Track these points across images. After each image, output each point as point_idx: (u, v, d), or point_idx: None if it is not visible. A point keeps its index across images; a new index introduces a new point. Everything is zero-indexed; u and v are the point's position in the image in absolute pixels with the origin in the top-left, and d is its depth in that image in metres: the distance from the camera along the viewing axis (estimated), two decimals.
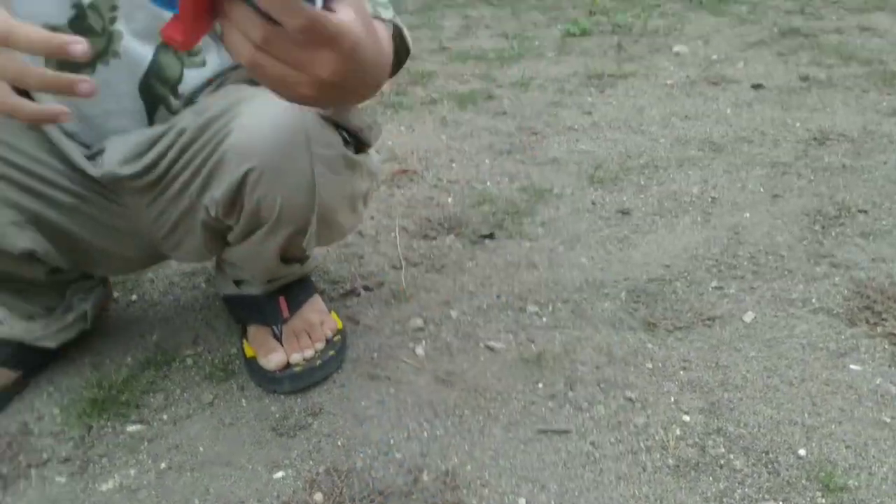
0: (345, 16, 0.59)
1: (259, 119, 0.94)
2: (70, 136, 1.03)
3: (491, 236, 1.56)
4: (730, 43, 2.70)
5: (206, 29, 0.59)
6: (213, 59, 1.06)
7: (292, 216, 0.98)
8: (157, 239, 1.12)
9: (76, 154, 1.02)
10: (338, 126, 1.02)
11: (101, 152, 1.04)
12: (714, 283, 1.39)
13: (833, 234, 1.52)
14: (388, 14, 0.90)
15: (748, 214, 1.61)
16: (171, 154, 1.01)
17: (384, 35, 0.81)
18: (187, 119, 1.01)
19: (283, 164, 0.94)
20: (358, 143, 1.05)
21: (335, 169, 0.98)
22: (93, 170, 1.02)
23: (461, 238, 1.56)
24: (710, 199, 1.68)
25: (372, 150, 1.10)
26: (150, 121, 1.06)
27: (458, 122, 2.13)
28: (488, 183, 1.79)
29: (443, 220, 1.63)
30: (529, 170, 1.84)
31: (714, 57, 2.55)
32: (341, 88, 0.61)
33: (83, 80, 0.64)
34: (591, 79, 2.41)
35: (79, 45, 0.63)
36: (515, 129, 2.06)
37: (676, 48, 2.63)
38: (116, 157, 1.02)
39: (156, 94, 1.03)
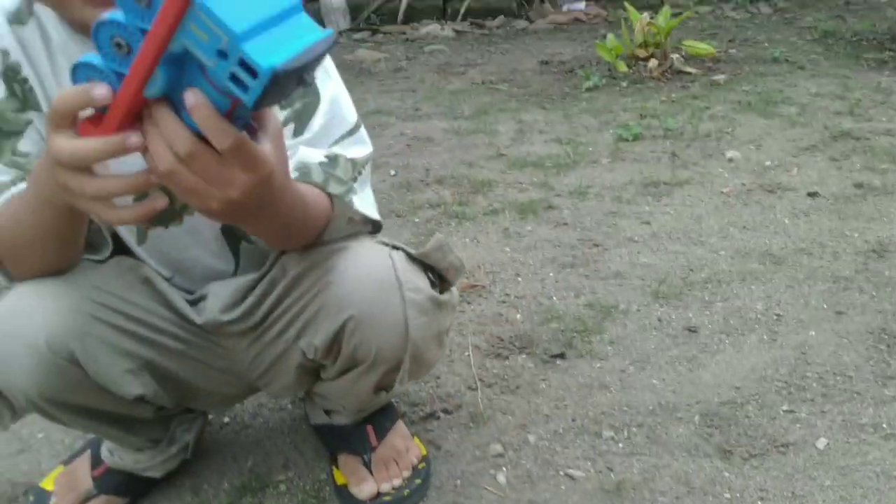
0: (266, 146, 0.70)
1: (355, 270, 1.03)
2: (171, 282, 1.13)
3: (562, 356, 1.61)
4: (782, 147, 2.76)
5: (126, 129, 0.67)
6: None
7: (387, 357, 1.06)
8: (253, 377, 1.20)
9: (181, 302, 1.11)
10: (425, 266, 1.10)
11: (202, 298, 1.13)
12: (785, 407, 1.42)
13: None
14: (336, 189, 0.98)
15: (813, 333, 1.65)
16: (270, 301, 1.09)
17: (310, 192, 0.93)
18: (281, 268, 1.09)
19: (378, 311, 1.02)
20: (442, 281, 1.13)
21: (424, 310, 1.06)
22: (196, 317, 1.11)
23: (533, 357, 1.62)
24: (774, 317, 1.72)
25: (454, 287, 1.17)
26: (236, 257, 1.15)
27: (520, 234, 2.21)
28: (554, 298, 1.85)
29: (514, 337, 1.69)
30: (594, 284, 1.90)
31: (767, 163, 2.62)
32: (246, 211, 0.74)
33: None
34: (647, 187, 2.49)
35: (160, 202, 0.73)
36: (577, 241, 2.13)
37: (729, 154, 2.70)
38: (218, 304, 1.11)
39: (235, 232, 1.12)
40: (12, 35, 0.98)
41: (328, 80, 1.05)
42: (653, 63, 3.89)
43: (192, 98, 0.64)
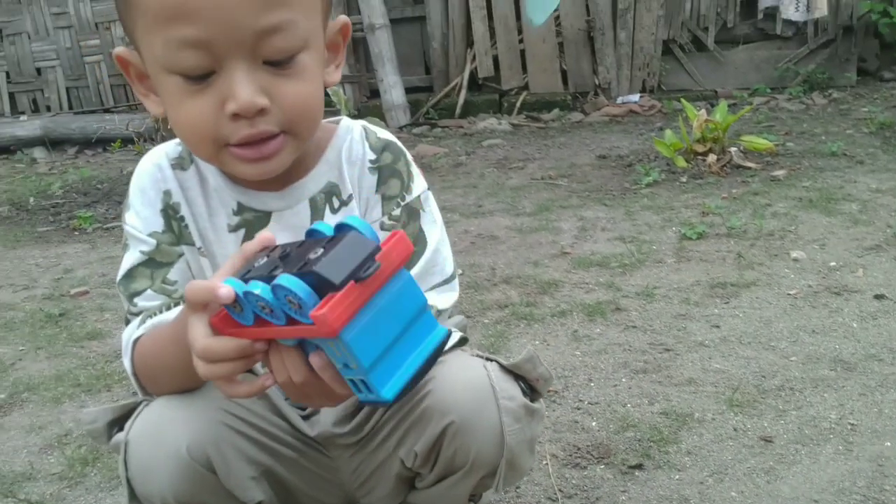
0: None
1: (453, 378, 1.11)
2: (288, 400, 1.22)
3: (640, 466, 1.65)
4: (846, 247, 2.79)
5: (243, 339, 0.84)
6: None
7: (484, 463, 1.12)
8: (353, 487, 1.27)
9: (294, 416, 1.21)
10: (517, 377, 1.17)
11: (315, 413, 1.22)
12: None
13: None
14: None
15: (889, 443, 1.66)
16: (376, 415, 1.18)
17: None
18: None
19: (476, 417, 1.09)
20: (533, 391, 1.19)
21: (518, 417, 1.12)
22: (309, 430, 1.20)
23: (611, 468, 1.65)
24: (849, 426, 1.73)
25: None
26: None
27: (589, 336, 2.27)
28: (629, 405, 1.89)
29: (591, 447, 1.73)
30: (668, 391, 1.94)
31: (832, 263, 2.65)
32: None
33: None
34: (715, 288, 2.53)
35: (269, 381, 0.87)
36: (647, 345, 2.18)
37: (794, 254, 2.74)
38: (331, 418, 1.20)
39: None
40: (175, 178, 1.11)
41: (434, 227, 1.15)
42: (711, 158, 3.97)
43: (318, 361, 0.81)
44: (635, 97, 6.18)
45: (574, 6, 6.17)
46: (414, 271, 1.11)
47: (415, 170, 1.18)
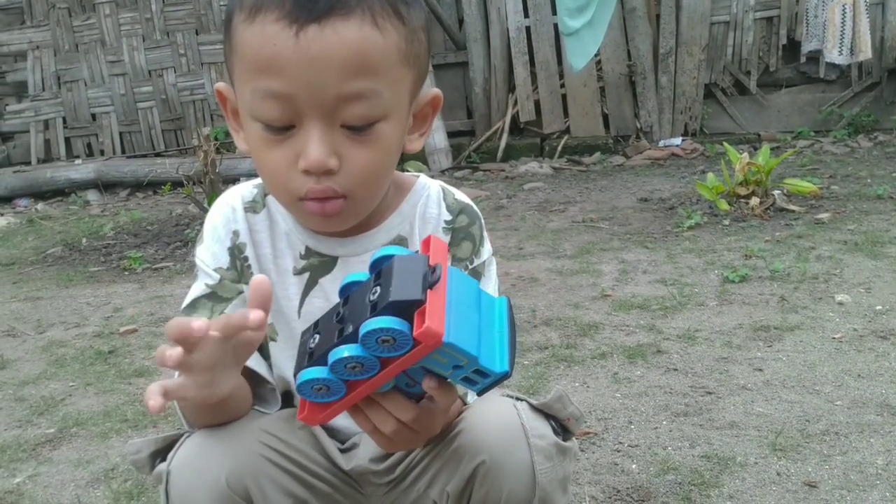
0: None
1: (484, 418, 1.12)
2: (329, 431, 1.24)
3: None
4: (892, 291, 2.75)
5: (343, 411, 0.85)
6: None
7: (516, 502, 1.12)
8: None
9: (333, 450, 1.22)
10: (547, 416, 1.17)
11: (354, 447, 1.24)
12: None
13: None
14: (470, 399, 1.17)
15: None
16: (412, 453, 1.19)
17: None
18: None
19: (507, 456, 1.10)
20: (565, 430, 1.20)
21: (549, 456, 1.12)
22: (344, 463, 1.22)
23: None
24: None
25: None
26: None
27: (630, 379, 2.26)
28: (669, 448, 1.87)
29: (630, 489, 1.72)
30: (709, 434, 1.92)
31: (878, 307, 2.61)
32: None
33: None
34: (758, 331, 2.51)
35: (197, 324, 0.84)
36: (689, 388, 2.16)
37: (839, 297, 2.70)
38: (368, 454, 1.22)
39: None
40: (245, 220, 1.17)
41: (489, 285, 1.20)
42: (754, 201, 3.95)
43: (433, 383, 0.85)
44: (677, 140, 6.18)
45: (615, 51, 6.22)
46: None
47: (485, 234, 1.22)
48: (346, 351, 0.78)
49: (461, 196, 1.22)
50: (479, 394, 0.84)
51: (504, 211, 4.77)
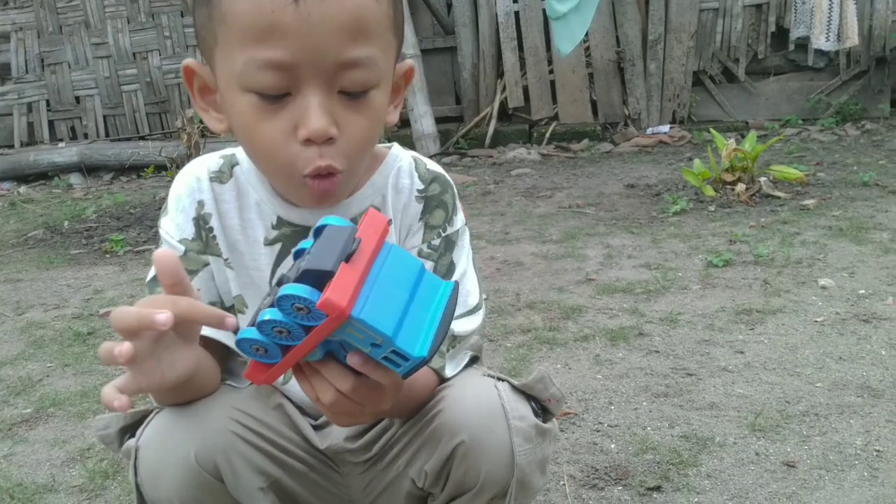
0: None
1: (464, 397, 1.11)
2: (300, 409, 1.22)
3: (658, 489, 1.62)
4: (875, 275, 2.75)
5: (282, 374, 0.83)
6: None
7: (494, 482, 1.11)
8: None
9: (307, 428, 1.20)
10: (528, 397, 1.16)
11: (327, 424, 1.22)
12: None
13: None
14: (436, 364, 1.14)
15: None
16: (389, 433, 1.17)
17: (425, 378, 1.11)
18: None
19: (486, 437, 1.08)
20: (545, 411, 1.18)
21: (529, 437, 1.11)
22: (319, 442, 1.20)
23: (629, 489, 1.63)
24: (874, 453, 1.70)
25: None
26: None
27: (611, 361, 2.25)
28: (649, 428, 1.87)
29: (609, 468, 1.71)
30: (689, 415, 1.91)
31: (861, 291, 2.61)
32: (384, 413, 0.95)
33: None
34: (740, 314, 2.50)
35: (161, 317, 0.82)
36: (670, 370, 2.16)
37: (822, 281, 2.70)
38: (343, 432, 1.20)
39: None
40: (211, 190, 1.14)
41: (462, 254, 1.18)
42: (740, 187, 3.94)
43: (356, 359, 0.81)
44: (665, 128, 6.17)
45: (604, 37, 6.20)
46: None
47: (458, 204, 1.21)
48: (267, 314, 0.77)
49: (433, 165, 1.21)
50: (404, 377, 0.81)
51: (491, 196, 4.76)
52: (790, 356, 2.19)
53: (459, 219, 1.21)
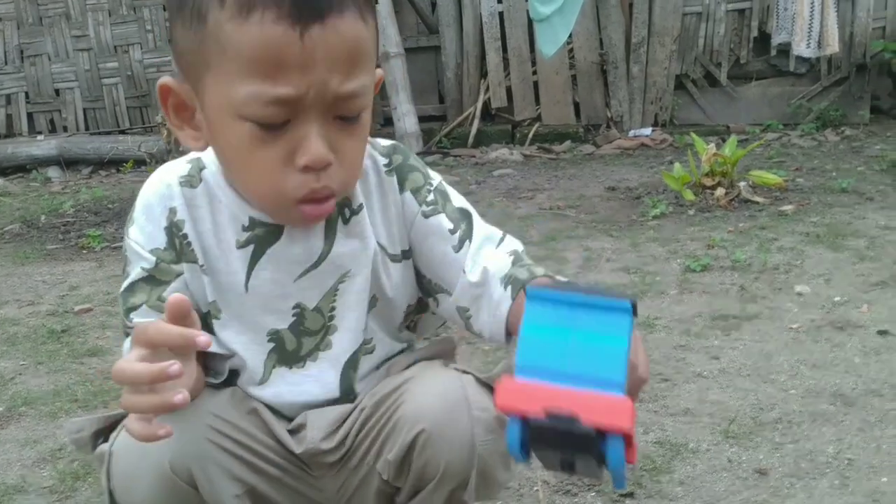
0: None
1: (426, 388, 1.12)
2: (276, 413, 1.21)
3: (631, 495, 1.63)
4: (851, 282, 2.77)
5: None
6: (380, 347, 1.24)
7: (454, 473, 1.11)
8: None
9: (283, 432, 1.20)
10: (493, 389, 1.16)
11: (301, 428, 1.21)
12: None
13: None
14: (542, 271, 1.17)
15: (885, 479, 1.64)
16: (356, 428, 1.18)
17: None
18: (367, 398, 1.18)
19: (447, 427, 1.09)
20: None
21: (491, 429, 1.11)
22: (295, 446, 1.19)
23: (602, 496, 1.64)
24: (846, 461, 1.71)
25: None
26: (342, 393, 1.24)
27: None
28: None
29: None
30: (663, 421, 1.92)
31: (837, 298, 2.63)
32: None
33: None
34: (716, 320, 2.51)
35: (202, 338, 0.85)
36: None
37: (798, 288, 2.72)
38: (319, 433, 1.19)
39: (349, 383, 1.21)
40: (182, 196, 1.13)
41: (459, 197, 1.22)
42: (720, 192, 3.96)
43: None
44: (647, 131, 6.19)
45: (587, 40, 6.21)
46: (479, 236, 1.17)
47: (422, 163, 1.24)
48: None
49: (385, 140, 1.22)
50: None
51: (473, 197, 4.75)
52: (765, 363, 2.20)
53: (433, 173, 1.23)
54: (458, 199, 1.22)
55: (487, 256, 1.16)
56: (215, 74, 0.95)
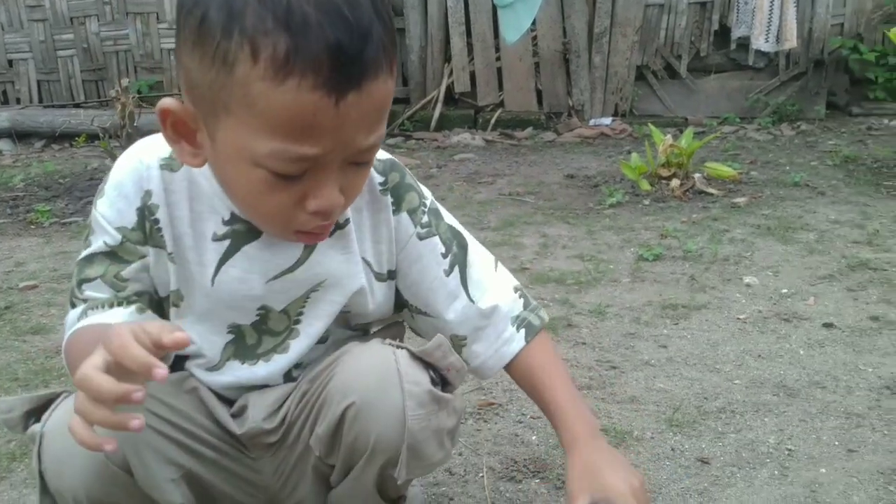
0: None
1: (357, 361, 1.12)
2: (217, 395, 1.20)
3: None
4: (799, 275, 2.81)
5: None
6: (333, 337, 1.24)
7: (384, 447, 1.10)
8: (275, 488, 1.25)
9: (224, 415, 1.19)
10: (427, 365, 1.15)
11: (243, 409, 1.20)
12: None
13: None
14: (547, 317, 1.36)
15: (824, 470, 1.66)
16: (292, 406, 1.17)
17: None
18: (305, 375, 1.19)
19: (378, 400, 1.08)
20: (444, 382, 1.18)
21: (423, 403, 1.10)
22: (236, 428, 1.18)
23: (546, 483, 1.64)
24: (786, 452, 1.74)
25: (457, 391, 1.22)
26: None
27: None
28: None
29: (528, 461, 1.72)
30: (609, 408, 1.93)
31: (784, 290, 2.67)
32: None
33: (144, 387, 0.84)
34: (666, 309, 2.54)
35: (160, 373, 0.82)
36: (594, 362, 2.18)
37: (747, 279, 2.76)
38: (261, 413, 1.19)
39: (290, 374, 1.21)
40: (161, 180, 1.09)
41: (449, 216, 1.26)
42: (675, 183, 4.00)
43: None
44: (607, 120, 6.22)
45: (551, 28, 6.21)
46: (477, 264, 1.25)
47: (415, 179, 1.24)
48: None
49: (381, 154, 1.18)
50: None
51: (433, 180, 4.74)
52: (711, 352, 2.23)
53: (426, 190, 1.24)
54: (448, 217, 1.25)
55: (491, 287, 1.24)
56: (236, 122, 0.91)
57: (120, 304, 1.10)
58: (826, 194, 3.98)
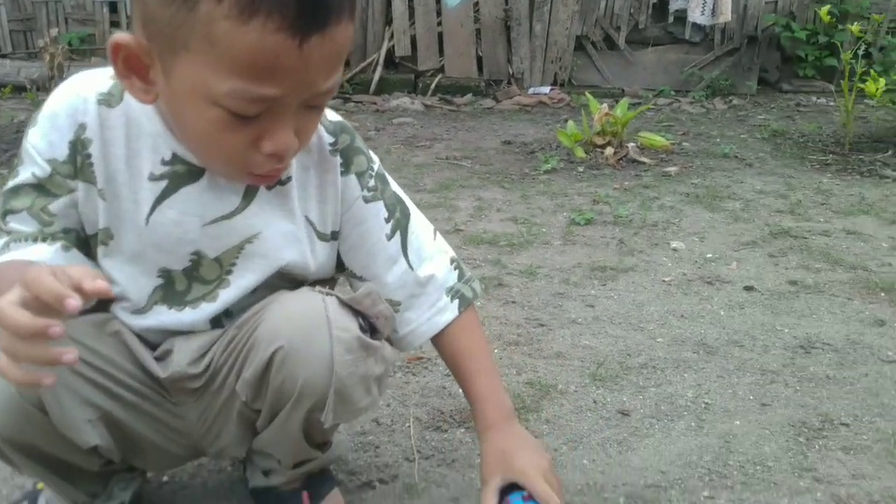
0: None
1: (286, 307, 1.12)
2: (141, 339, 1.18)
3: None
4: (724, 241, 2.90)
5: None
6: (262, 290, 1.23)
7: (311, 391, 1.11)
8: (199, 434, 1.25)
9: (148, 358, 1.17)
10: (356, 313, 1.16)
11: (168, 354, 1.19)
12: (706, 493, 1.50)
13: (816, 446, 1.63)
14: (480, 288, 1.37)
15: (738, 422, 1.73)
16: (218, 352, 1.17)
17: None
18: (233, 324, 1.18)
19: (305, 345, 1.09)
20: (373, 330, 1.19)
21: (351, 349, 1.11)
22: (160, 372, 1.17)
23: (471, 432, 1.67)
24: (703, 405, 1.80)
25: (385, 340, 1.24)
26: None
27: None
28: None
29: (454, 411, 1.75)
30: (536, 363, 1.97)
31: (709, 255, 2.74)
32: None
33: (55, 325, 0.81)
34: (594, 271, 2.59)
35: (72, 303, 0.80)
36: (523, 320, 2.22)
37: (674, 244, 2.83)
38: (186, 357, 1.17)
39: (219, 321, 1.20)
40: (97, 114, 1.07)
41: (394, 182, 1.28)
42: (609, 151, 4.06)
43: None
44: (546, 89, 6.26)
45: None
46: (418, 232, 1.27)
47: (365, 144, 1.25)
48: None
49: (332, 115, 1.19)
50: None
51: (371, 143, 4.69)
52: (636, 312, 2.29)
53: (374, 156, 1.25)
54: (394, 185, 1.27)
55: (430, 256, 1.26)
56: (195, 59, 0.89)
57: (45, 240, 1.07)
58: (753, 166, 4.09)
